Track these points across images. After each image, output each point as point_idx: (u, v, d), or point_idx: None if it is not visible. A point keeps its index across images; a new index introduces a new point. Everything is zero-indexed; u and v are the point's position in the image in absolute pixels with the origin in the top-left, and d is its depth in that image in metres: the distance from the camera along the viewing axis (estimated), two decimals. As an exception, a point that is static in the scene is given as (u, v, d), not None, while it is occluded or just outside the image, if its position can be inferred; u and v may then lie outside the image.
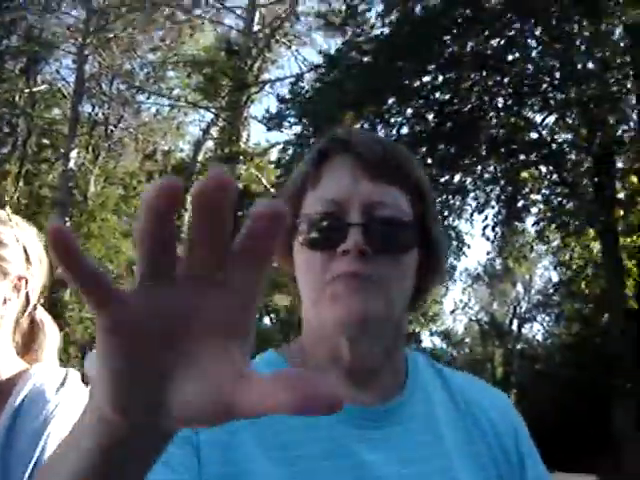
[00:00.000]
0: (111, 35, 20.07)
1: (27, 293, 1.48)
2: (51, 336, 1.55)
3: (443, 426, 1.08)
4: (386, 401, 1.06)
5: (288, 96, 13.94)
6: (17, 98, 21.92)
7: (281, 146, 14.72)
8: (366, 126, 14.26)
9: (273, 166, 16.11)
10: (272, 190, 16.96)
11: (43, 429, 1.33)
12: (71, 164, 18.85)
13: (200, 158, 21.08)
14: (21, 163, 22.19)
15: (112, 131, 20.99)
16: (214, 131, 20.58)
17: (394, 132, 14.59)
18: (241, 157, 16.50)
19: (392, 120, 14.15)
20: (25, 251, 1.47)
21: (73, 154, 18.97)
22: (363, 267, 1.00)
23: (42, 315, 1.54)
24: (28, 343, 1.51)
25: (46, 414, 1.36)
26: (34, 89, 21.91)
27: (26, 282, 1.47)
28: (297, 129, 14.65)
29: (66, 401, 1.39)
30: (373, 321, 1.01)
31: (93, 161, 20.48)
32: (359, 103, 13.35)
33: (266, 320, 29.75)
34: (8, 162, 22.92)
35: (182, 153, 23.26)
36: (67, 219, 17.27)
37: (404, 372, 1.11)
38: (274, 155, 21.03)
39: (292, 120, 13.87)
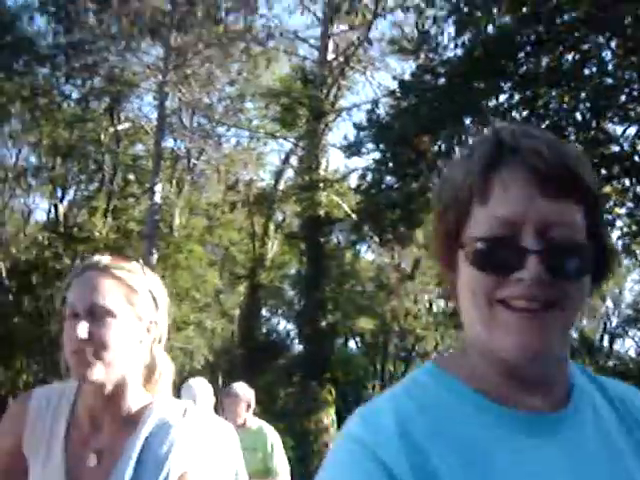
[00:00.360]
0: (189, 71, 20.56)
1: (156, 334, 1.66)
2: (167, 369, 1.71)
3: (613, 431, 1.06)
4: (558, 409, 1.03)
5: (365, 123, 14.06)
6: (102, 136, 22.70)
7: (360, 172, 14.86)
8: (443, 148, 14.29)
9: (353, 192, 16.25)
10: (353, 215, 17.08)
11: (165, 458, 1.51)
12: (156, 198, 19.36)
13: (281, 187, 21.38)
14: (108, 199, 22.94)
15: (194, 164, 21.50)
16: (293, 160, 20.87)
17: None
18: (321, 184, 16.68)
19: (470, 142, 14.11)
20: (153, 298, 1.64)
21: (158, 188, 19.48)
22: (540, 293, 0.95)
23: (158, 350, 1.70)
24: (149, 375, 1.67)
25: (169, 444, 1.53)
26: (118, 127, 22.65)
27: (155, 325, 1.65)
28: (375, 155, 14.79)
29: (187, 432, 1.56)
30: (550, 354, 0.98)
31: (177, 194, 21.01)
32: (435, 126, 13.38)
33: (351, 344, 29.73)
34: (96, 199, 23.73)
35: (263, 182, 23.66)
36: (154, 251, 17.72)
37: (569, 380, 1.08)
38: (353, 179, 21.34)
39: (370, 146, 14.00)
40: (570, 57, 14.02)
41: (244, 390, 5.51)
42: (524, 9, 12.95)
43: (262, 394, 9.27)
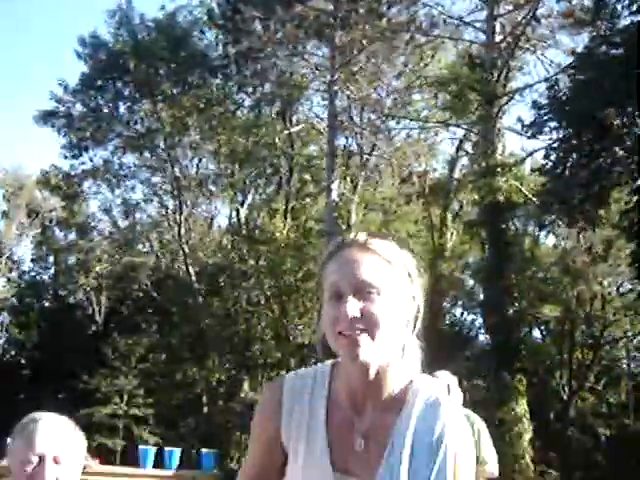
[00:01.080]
0: (356, 68, 20.73)
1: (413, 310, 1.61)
2: (415, 345, 1.65)
3: None
4: None
5: (543, 102, 13.61)
6: (277, 140, 23.36)
7: (543, 153, 14.40)
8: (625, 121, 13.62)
9: (536, 174, 15.77)
10: (534, 199, 16.60)
11: (441, 439, 1.46)
12: (333, 195, 19.66)
13: (456, 175, 21.14)
14: (287, 200, 23.59)
15: (367, 159, 21.64)
16: (467, 147, 20.56)
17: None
18: (499, 169, 16.29)
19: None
20: (409, 274, 1.57)
21: (334, 186, 19.77)
22: None
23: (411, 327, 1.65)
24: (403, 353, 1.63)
25: (442, 424, 1.48)
26: (291, 130, 23.22)
27: (413, 300, 1.58)
28: (555, 134, 14.30)
29: (455, 411, 1.51)
30: None
31: (352, 190, 21.23)
32: (621, 99, 12.76)
33: (536, 333, 28.88)
34: (275, 200, 24.47)
35: (437, 173, 23.52)
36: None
37: None
38: (530, 162, 20.74)
39: (552, 125, 13.52)
40: None
41: (448, 378, 5.44)
42: None
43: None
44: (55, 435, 2.08)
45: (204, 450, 6.18)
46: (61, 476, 2.04)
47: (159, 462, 5.81)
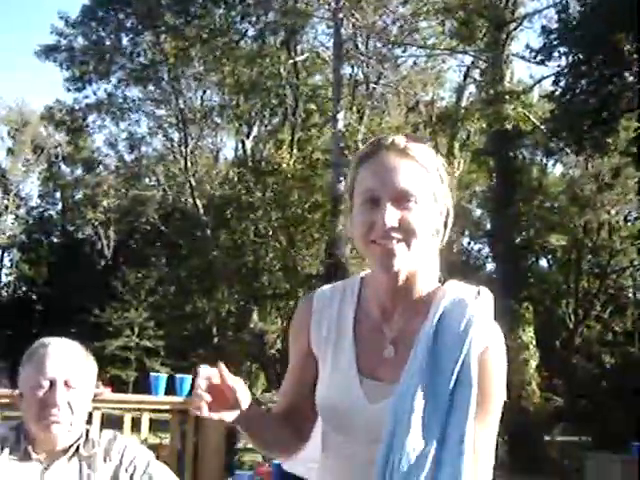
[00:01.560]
0: (362, -5, 20.32)
1: (446, 220, 1.58)
2: (436, 250, 1.62)
3: None
4: None
5: (554, 26, 13.35)
6: (282, 70, 23.05)
7: (551, 80, 14.19)
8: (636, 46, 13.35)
9: (545, 102, 15.57)
10: (542, 127, 16.43)
11: (465, 334, 1.43)
12: (339, 125, 19.49)
13: (463, 103, 20.89)
14: (292, 131, 23.40)
15: (374, 89, 21.36)
16: (475, 74, 20.27)
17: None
18: (507, 96, 16.07)
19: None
20: (442, 181, 1.53)
21: (340, 116, 19.59)
22: None
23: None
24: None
25: (467, 321, 1.44)
26: (296, 59, 22.90)
27: (446, 208, 1.55)
28: (565, 60, 14.08)
29: (484, 309, 1.47)
30: None
31: (359, 120, 21.01)
32: (631, 23, 12.48)
33: (543, 262, 28.96)
34: (281, 132, 24.30)
35: (444, 101, 23.26)
36: (341, 179, 17.90)
37: None
38: (538, 90, 20.45)
39: (561, 50, 13.28)
40: None
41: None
42: None
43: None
44: (66, 359, 2.07)
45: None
46: (72, 400, 2.04)
47: (170, 389, 5.89)
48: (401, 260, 1.45)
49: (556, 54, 13.59)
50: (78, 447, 2.08)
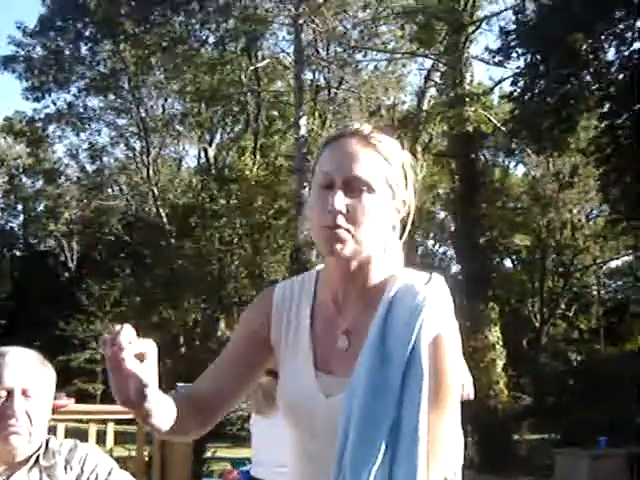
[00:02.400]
0: (321, 0, 20.37)
1: (407, 215, 1.56)
2: (396, 245, 1.60)
3: None
4: None
5: (512, 28, 13.49)
6: (243, 77, 23.01)
7: (510, 80, 14.33)
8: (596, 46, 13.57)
9: (505, 103, 15.71)
10: (503, 129, 16.58)
11: (415, 319, 1.39)
12: (302, 131, 19.49)
13: (425, 107, 21.01)
14: (255, 137, 23.37)
15: (335, 94, 21.44)
16: (435, 77, 20.41)
17: (625, 49, 13.74)
18: (467, 99, 16.20)
19: (627, 35, 13.28)
20: (405, 175, 1.51)
21: (302, 121, 19.59)
22: None
23: (395, 230, 1.60)
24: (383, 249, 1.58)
25: (416, 307, 1.41)
26: (257, 65, 22.88)
27: (404, 204, 1.52)
28: (523, 60, 14.24)
29: (433, 294, 1.44)
30: None
31: (322, 125, 21.05)
32: (589, 22, 12.66)
33: (507, 262, 29.21)
34: (243, 139, 24.26)
35: (406, 105, 23.38)
36: (305, 184, 17.90)
37: None
38: (499, 93, 20.65)
39: (520, 51, 13.41)
40: None
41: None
42: None
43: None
44: (23, 368, 2.01)
45: (180, 384, 6.19)
46: (31, 410, 1.98)
47: (136, 399, 5.78)
48: (345, 245, 1.43)
49: (514, 55, 13.76)
50: (38, 457, 2.03)
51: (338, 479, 1.34)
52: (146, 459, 5.96)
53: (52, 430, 2.18)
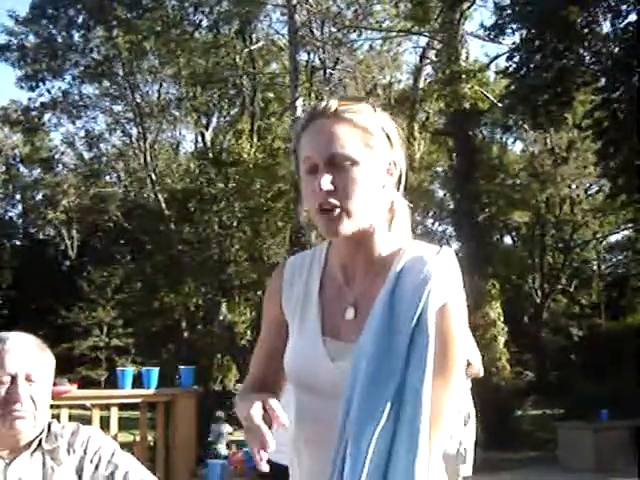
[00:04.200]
0: (314, -20, 20.20)
1: (399, 176, 1.58)
2: (404, 210, 1.62)
3: None
4: None
5: (507, 3, 13.40)
6: (237, 59, 22.90)
7: (506, 55, 14.25)
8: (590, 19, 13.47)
9: (500, 79, 15.63)
10: (500, 105, 16.50)
11: (422, 289, 1.42)
12: (298, 113, 19.39)
13: (421, 85, 20.93)
14: (252, 120, 23.30)
15: (331, 74, 21.27)
16: (431, 55, 20.30)
17: (620, 22, 13.65)
18: (463, 75, 16.12)
19: (622, 8, 13.19)
20: (388, 136, 1.54)
21: (298, 103, 19.49)
22: None
23: (397, 192, 1.61)
24: (390, 219, 1.59)
25: (425, 276, 1.43)
26: (252, 48, 22.77)
27: (394, 165, 1.56)
28: (518, 35, 14.16)
29: (443, 266, 1.46)
30: None
31: (318, 106, 20.97)
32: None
33: (507, 239, 29.23)
34: (240, 122, 24.17)
35: (402, 84, 23.29)
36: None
37: None
38: (495, 69, 20.52)
39: (514, 26, 13.35)
40: None
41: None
42: None
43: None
44: (25, 353, 2.03)
45: (182, 367, 6.20)
46: (35, 394, 2.00)
47: (138, 384, 5.83)
48: (342, 224, 1.46)
49: (509, 30, 13.69)
50: (41, 441, 2.04)
51: (342, 436, 1.37)
52: (151, 444, 6.00)
53: (56, 417, 2.19)
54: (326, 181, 1.45)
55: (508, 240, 29.32)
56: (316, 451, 1.52)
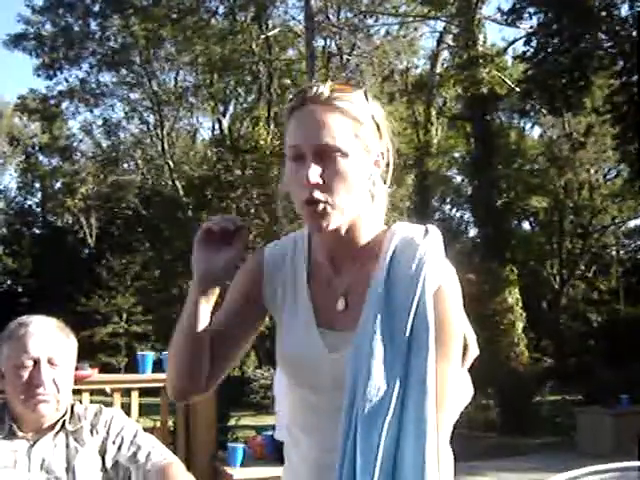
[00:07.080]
0: (330, -35, 20.13)
1: (387, 165, 1.54)
2: (382, 196, 1.57)
3: None
4: None
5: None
6: (254, 46, 22.86)
7: (523, 40, 14.15)
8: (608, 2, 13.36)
9: (518, 64, 15.51)
10: (517, 89, 16.41)
11: (418, 273, 1.41)
12: (315, 99, 19.35)
13: (438, 70, 20.83)
14: (268, 107, 23.25)
15: (348, 60, 21.23)
16: (448, 40, 20.19)
17: (639, 4, 13.52)
18: (481, 60, 16.01)
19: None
20: (377, 127, 1.49)
21: (315, 89, 19.45)
22: None
23: (382, 184, 1.58)
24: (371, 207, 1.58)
25: (419, 258, 1.42)
26: (268, 34, 22.71)
27: (382, 156, 1.52)
28: (535, 20, 14.07)
29: (434, 248, 1.45)
30: None
31: (334, 92, 20.92)
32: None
33: (525, 225, 29.07)
34: (256, 108, 24.15)
35: (419, 69, 23.20)
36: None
37: None
38: (512, 53, 20.39)
39: (532, 10, 13.24)
40: None
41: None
42: None
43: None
44: (48, 337, 2.05)
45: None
46: (57, 377, 2.03)
47: (158, 368, 5.86)
48: (329, 220, 1.43)
49: (526, 15, 13.59)
50: (64, 422, 2.07)
51: (349, 432, 1.36)
52: (171, 429, 6.04)
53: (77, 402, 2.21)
54: (314, 174, 1.40)
55: (526, 226, 29.17)
56: (314, 438, 1.52)
